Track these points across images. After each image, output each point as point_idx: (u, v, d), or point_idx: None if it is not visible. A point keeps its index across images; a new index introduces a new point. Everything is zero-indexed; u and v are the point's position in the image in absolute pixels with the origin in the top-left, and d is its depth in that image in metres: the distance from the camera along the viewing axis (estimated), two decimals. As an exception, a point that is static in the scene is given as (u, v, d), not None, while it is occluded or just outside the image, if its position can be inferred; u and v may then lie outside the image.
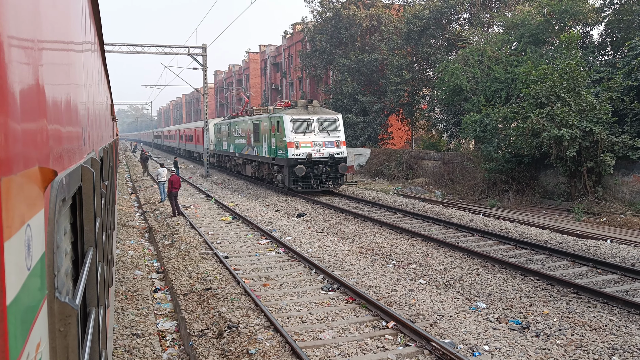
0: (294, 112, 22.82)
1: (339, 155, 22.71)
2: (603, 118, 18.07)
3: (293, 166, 21.77)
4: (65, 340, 1.20)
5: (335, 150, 22.61)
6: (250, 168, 28.73)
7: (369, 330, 7.78)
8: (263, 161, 25.74)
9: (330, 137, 22.64)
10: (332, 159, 22.46)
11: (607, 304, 8.56)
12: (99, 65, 5.02)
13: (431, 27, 31.85)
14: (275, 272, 11.19)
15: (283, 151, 22.30)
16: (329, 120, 22.99)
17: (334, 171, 22.65)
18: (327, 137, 22.57)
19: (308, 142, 22.15)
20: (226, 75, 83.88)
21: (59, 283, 1.29)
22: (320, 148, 22.31)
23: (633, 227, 15.17)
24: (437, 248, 12.81)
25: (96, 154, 3.17)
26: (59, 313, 1.18)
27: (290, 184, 22.27)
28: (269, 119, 24.09)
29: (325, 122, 22.81)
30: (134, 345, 7.59)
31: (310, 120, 22.55)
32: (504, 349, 6.94)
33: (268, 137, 24.16)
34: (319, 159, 22.32)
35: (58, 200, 1.21)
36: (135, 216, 20.30)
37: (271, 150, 23.87)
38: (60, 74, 1.42)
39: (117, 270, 11.42)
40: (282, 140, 22.32)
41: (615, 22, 24.32)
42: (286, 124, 22.21)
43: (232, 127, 32.03)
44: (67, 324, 1.19)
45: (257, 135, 26.03)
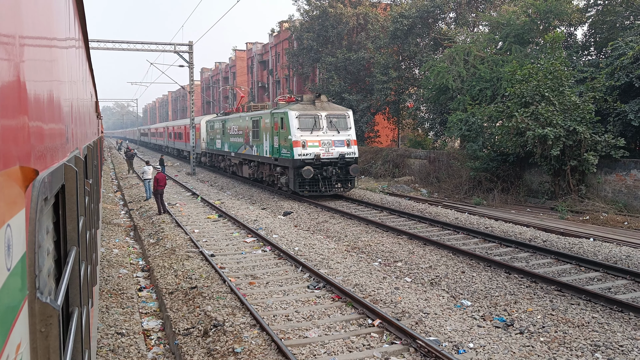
0: (300, 107, 20.68)
1: (350, 155, 20.68)
2: (586, 117, 18.30)
3: (299, 168, 19.79)
4: (46, 340, 1.18)
5: (346, 150, 20.58)
6: (248, 169, 26.70)
7: (354, 328, 7.80)
8: (263, 162, 23.72)
9: (340, 136, 20.64)
10: (343, 160, 20.40)
11: (589, 301, 8.68)
12: (84, 62, 4.96)
13: (417, 26, 31.98)
14: (262, 270, 11.17)
15: (288, 151, 20.35)
16: (338, 116, 20.98)
17: (344, 173, 20.66)
18: (336, 135, 20.56)
19: (316, 141, 20.17)
20: (213, 73, 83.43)
21: (40, 283, 1.27)
22: (329, 147, 20.31)
23: (615, 225, 15.40)
24: (422, 246, 12.88)
25: (80, 152, 3.13)
26: (40, 313, 1.16)
27: (295, 187, 20.28)
28: (271, 115, 22.11)
29: (335, 119, 20.80)
30: (118, 345, 7.52)
31: (318, 117, 20.48)
32: (488, 346, 7.00)
33: (270, 135, 22.16)
34: (328, 159, 20.28)
35: (40, 199, 1.19)
36: (121, 214, 20.12)
37: (273, 150, 21.84)
38: (42, 71, 1.40)
39: (102, 269, 11.31)
40: (287, 138, 20.34)
41: (599, 22, 24.64)
42: (291, 121, 20.14)
43: (227, 124, 30.02)
44: (48, 325, 1.17)
45: (257, 133, 24.03)
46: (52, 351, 1.21)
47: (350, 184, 21.19)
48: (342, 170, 20.59)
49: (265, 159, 23.19)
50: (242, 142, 26.59)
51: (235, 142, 28.16)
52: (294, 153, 19.93)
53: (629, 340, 7.07)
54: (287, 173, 21.08)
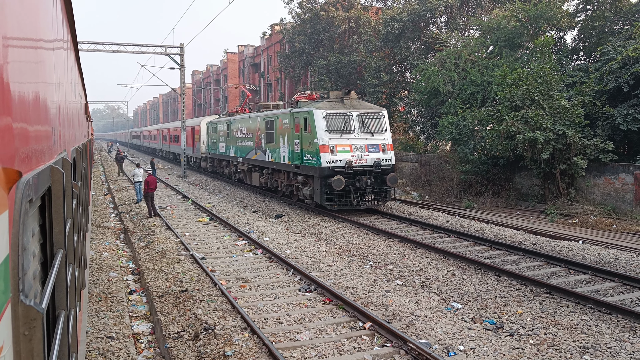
0: (327, 105, 17.86)
1: (387, 162, 17.81)
2: (576, 121, 18.47)
3: (328, 177, 16.87)
4: (30, 344, 1.17)
5: (382, 156, 17.68)
6: (259, 177, 23.44)
7: (345, 331, 7.80)
8: (280, 169, 20.66)
9: (375, 139, 17.79)
10: (378, 168, 17.49)
11: (578, 304, 8.74)
12: (72, 63, 4.93)
13: (409, 30, 32.12)
14: (253, 273, 11.14)
15: (313, 157, 17.39)
16: (372, 116, 18.15)
17: (378, 183, 17.76)
18: (370, 138, 17.71)
19: (346, 146, 17.30)
20: (204, 75, 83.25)
21: (25, 286, 1.26)
22: (362, 153, 17.43)
23: (604, 228, 15.53)
24: (413, 249, 12.91)
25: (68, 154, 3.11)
26: (24, 316, 1.15)
27: (322, 201, 17.26)
28: (290, 115, 19.25)
29: (367, 119, 17.96)
30: (108, 348, 7.47)
31: (348, 117, 17.69)
32: (478, 349, 7.03)
33: (289, 138, 19.26)
34: (361, 167, 17.37)
35: (24, 201, 1.19)
36: (111, 217, 19.99)
37: (294, 156, 18.89)
38: (28, 72, 1.39)
39: (91, 272, 11.23)
40: (312, 142, 17.43)
41: (588, 27, 24.88)
42: (318, 122, 17.25)
43: (233, 125, 27.02)
44: (31, 328, 1.16)
45: (272, 136, 21.06)
46: (35, 354, 1.20)
47: (386, 196, 18.25)
48: (376, 180, 17.72)
49: (282, 166, 20.21)
50: (252, 146, 23.68)
51: (243, 146, 25.23)
52: (320, 160, 16.96)
53: (617, 342, 7.13)
54: (312, 183, 18.15)
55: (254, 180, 24.17)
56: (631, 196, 17.27)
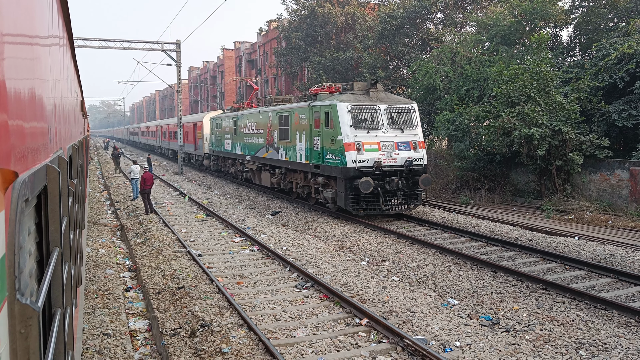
0: (352, 98, 16.12)
1: (419, 162, 16.12)
2: (571, 118, 18.52)
3: (354, 178, 15.19)
4: (26, 341, 1.17)
5: (413, 155, 16.00)
6: (270, 177, 21.59)
7: (342, 327, 7.82)
8: (296, 169, 18.89)
9: (405, 136, 16.07)
10: (410, 168, 15.77)
11: (574, 300, 8.78)
12: (68, 60, 4.91)
13: (405, 26, 32.10)
14: (249, 270, 11.15)
15: (336, 156, 15.66)
16: (401, 110, 16.43)
17: (409, 185, 16.00)
18: (400, 135, 16.00)
19: (374, 143, 15.55)
20: (200, 72, 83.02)
21: (21, 284, 1.26)
22: (391, 151, 15.69)
23: (599, 224, 15.60)
24: (410, 245, 12.94)
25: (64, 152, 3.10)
26: (20, 315, 1.15)
27: (347, 205, 15.54)
28: (309, 110, 17.38)
29: (396, 114, 16.26)
30: (104, 345, 7.46)
31: (376, 111, 15.94)
32: (474, 345, 7.06)
33: (307, 134, 17.49)
34: (391, 167, 15.64)
35: (20, 201, 1.18)
36: (107, 214, 19.95)
37: (313, 155, 17.11)
38: (23, 69, 1.38)
39: (88, 269, 11.21)
40: (335, 139, 15.71)
41: (584, 24, 24.92)
42: (342, 116, 15.49)
43: (240, 121, 25.14)
44: (28, 326, 1.16)
45: (286, 132, 19.30)
46: (32, 352, 1.20)
47: (416, 199, 16.33)
48: (407, 182, 15.96)
49: (298, 165, 18.40)
50: (263, 143, 21.85)
51: (251, 144, 23.40)
52: (345, 159, 15.22)
53: (612, 337, 7.17)
54: (334, 185, 16.42)
55: (264, 180, 22.29)
56: (627, 192, 17.33)
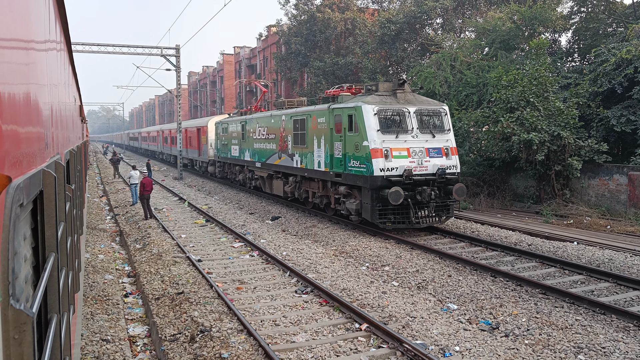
0: (378, 100, 14.75)
1: (452, 170, 14.79)
2: (570, 123, 18.55)
3: (381, 188, 13.89)
4: (20, 347, 1.17)
5: (445, 162, 14.64)
6: (283, 185, 20.15)
7: (342, 332, 7.80)
8: (313, 177, 17.46)
9: (436, 141, 14.76)
10: (442, 177, 14.42)
11: (573, 304, 8.77)
12: (66, 65, 4.92)
13: (405, 32, 32.19)
14: (249, 275, 11.13)
15: (361, 163, 14.34)
16: (432, 113, 15.16)
17: (441, 196, 14.59)
18: (431, 140, 14.68)
19: (403, 149, 14.21)
20: (200, 77, 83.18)
21: (16, 290, 1.26)
22: (422, 159, 14.36)
23: (598, 229, 15.59)
24: (409, 250, 12.92)
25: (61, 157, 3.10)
26: (14, 320, 1.15)
27: (374, 217, 14.14)
28: (329, 113, 16.06)
29: (427, 117, 15.03)
30: (103, 351, 7.44)
31: (404, 114, 14.63)
32: (474, 349, 7.04)
33: (327, 140, 16.13)
34: (422, 176, 14.30)
35: (14, 206, 1.18)
36: (106, 219, 19.94)
37: (334, 162, 15.77)
38: (17, 74, 1.38)
39: (87, 274, 11.19)
40: (360, 145, 14.37)
41: (582, 29, 25.01)
42: (368, 120, 14.17)
43: (249, 126, 23.74)
44: (22, 331, 1.16)
45: (302, 137, 17.95)
46: (26, 358, 1.19)
47: (448, 211, 14.94)
48: (439, 192, 14.55)
49: (316, 173, 17.00)
50: (275, 149, 20.43)
51: (262, 150, 21.94)
52: (372, 167, 13.86)
53: (611, 342, 7.15)
54: (358, 195, 15.03)
55: (276, 189, 20.88)
56: (625, 197, 17.34)
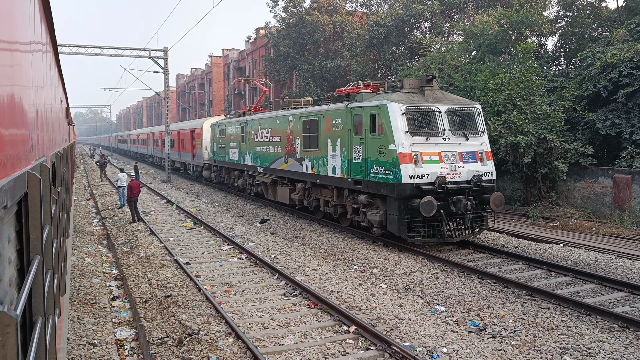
0: (404, 97, 13.22)
1: (488, 176, 13.24)
2: (556, 126, 18.76)
3: (410, 198, 12.36)
4: (3, 349, 1.16)
5: (480, 168, 13.12)
6: (288, 192, 18.54)
7: (330, 335, 7.81)
8: (326, 184, 15.87)
9: (470, 144, 13.23)
10: (478, 185, 12.88)
11: (559, 305, 8.86)
12: (52, 66, 4.89)
13: (393, 35, 32.35)
14: (237, 278, 11.10)
15: (386, 169, 12.76)
16: (464, 113, 13.62)
17: (476, 206, 12.95)
18: (464, 143, 13.15)
19: (435, 154, 12.71)
20: (188, 79, 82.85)
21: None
22: (455, 164, 12.83)
23: (584, 231, 15.77)
24: (397, 252, 12.97)
25: (47, 159, 3.09)
26: (-3, 322, 1.15)
27: (401, 230, 12.57)
28: (347, 113, 14.50)
29: (458, 117, 13.57)
30: (90, 355, 7.38)
31: (435, 113, 13.08)
32: (461, 351, 7.08)
33: (343, 142, 14.60)
34: (455, 183, 12.76)
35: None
36: (93, 222, 19.77)
37: (352, 167, 14.19)
38: (2, 76, 1.38)
39: (74, 278, 11.09)
40: (386, 149, 12.80)
41: (568, 33, 25.31)
42: (394, 120, 12.63)
43: (250, 127, 22.19)
44: (5, 334, 1.16)
45: (313, 139, 16.38)
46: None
47: (481, 223, 13.42)
48: (474, 202, 12.92)
49: (330, 180, 15.43)
50: (280, 153, 18.97)
51: (265, 153, 20.39)
52: (400, 173, 12.32)
53: (596, 342, 7.24)
54: (381, 205, 13.40)
55: (281, 196, 19.33)
56: (610, 199, 17.56)
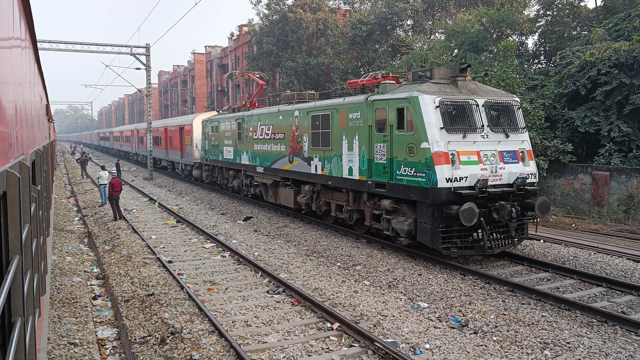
0: (435, 89, 11.56)
1: (531, 179, 11.77)
2: (537, 123, 19.00)
3: (447, 204, 10.80)
4: (-19, 351, 1.15)
5: (523, 169, 11.65)
6: (292, 195, 17.04)
7: (314, 332, 7.83)
8: (340, 186, 14.22)
9: (510, 142, 11.73)
10: (521, 189, 11.39)
11: (539, 301, 9.00)
12: (32, 63, 4.82)
13: (376, 33, 32.45)
14: (221, 276, 11.06)
15: (418, 171, 11.08)
16: (502, 106, 12.07)
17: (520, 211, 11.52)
18: (504, 141, 11.64)
19: (473, 153, 11.15)
20: (171, 76, 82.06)
21: (-22, 292, 1.24)
22: (495, 165, 11.30)
23: (564, 227, 16.03)
24: (380, 249, 13.04)
25: (27, 157, 3.04)
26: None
27: (435, 242, 10.96)
28: (367, 106, 12.83)
29: (496, 112, 11.98)
30: (71, 355, 7.29)
31: (472, 107, 11.50)
32: (444, 347, 7.16)
33: (363, 140, 12.97)
34: (497, 187, 11.22)
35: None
36: (74, 220, 19.50)
37: (374, 168, 12.55)
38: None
39: (54, 277, 10.94)
40: (416, 148, 11.13)
41: (548, 32, 25.66)
42: (427, 114, 11.03)
43: (247, 124, 20.62)
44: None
45: (324, 137, 14.84)
46: (-12, 361, 1.18)
47: (522, 232, 11.91)
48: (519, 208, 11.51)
49: (345, 182, 13.82)
50: (284, 151, 17.41)
51: (266, 152, 18.86)
52: (435, 176, 10.68)
53: (575, 337, 7.37)
54: (410, 212, 11.71)
55: (284, 198, 17.77)
56: (589, 196, 17.86)
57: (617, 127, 18.15)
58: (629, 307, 8.73)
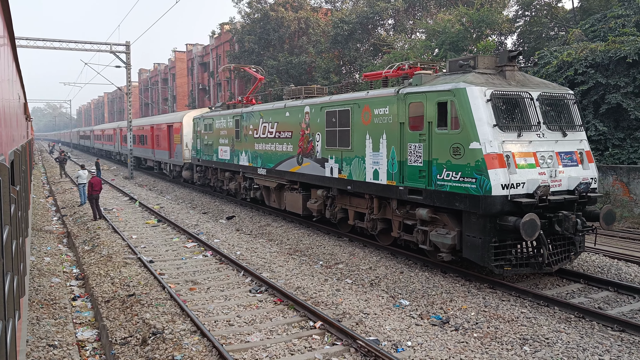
0: (483, 80, 9.97)
1: (593, 184, 10.32)
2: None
3: (502, 215, 9.26)
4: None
5: (583, 173, 10.21)
6: (300, 200, 15.43)
7: (296, 330, 7.85)
8: (362, 192, 12.63)
9: (568, 142, 10.27)
10: (584, 196, 9.92)
11: (519, 297, 9.16)
12: (9, 61, 4.75)
13: (357, 32, 32.56)
14: (202, 275, 11.01)
15: (466, 175, 9.53)
16: (557, 100, 10.56)
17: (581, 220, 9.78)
18: (561, 141, 10.16)
19: (530, 154, 9.65)
20: (151, 74, 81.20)
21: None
22: (554, 169, 9.84)
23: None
24: (362, 248, 13.12)
25: (5, 158, 3.01)
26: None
27: (487, 258, 9.39)
28: (399, 100, 11.09)
29: (549, 107, 10.41)
30: (50, 357, 7.20)
31: (526, 101, 9.96)
32: (425, 344, 7.24)
33: (392, 139, 11.31)
34: (557, 194, 9.75)
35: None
36: (53, 220, 19.21)
37: (406, 172, 10.95)
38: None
39: (32, 278, 10.77)
40: (464, 148, 9.54)
41: (527, 32, 26.05)
42: (476, 109, 9.46)
43: (246, 121, 18.90)
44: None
45: (343, 135, 13.14)
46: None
47: (578, 247, 10.31)
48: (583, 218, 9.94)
49: (368, 187, 12.19)
50: (291, 151, 15.75)
51: (269, 152, 17.08)
52: (489, 182, 9.14)
53: (553, 332, 7.52)
54: (452, 224, 10.19)
55: (291, 204, 16.06)
56: (567, 194, 18.15)
57: (594, 126, 18.50)
58: (605, 303, 8.93)
